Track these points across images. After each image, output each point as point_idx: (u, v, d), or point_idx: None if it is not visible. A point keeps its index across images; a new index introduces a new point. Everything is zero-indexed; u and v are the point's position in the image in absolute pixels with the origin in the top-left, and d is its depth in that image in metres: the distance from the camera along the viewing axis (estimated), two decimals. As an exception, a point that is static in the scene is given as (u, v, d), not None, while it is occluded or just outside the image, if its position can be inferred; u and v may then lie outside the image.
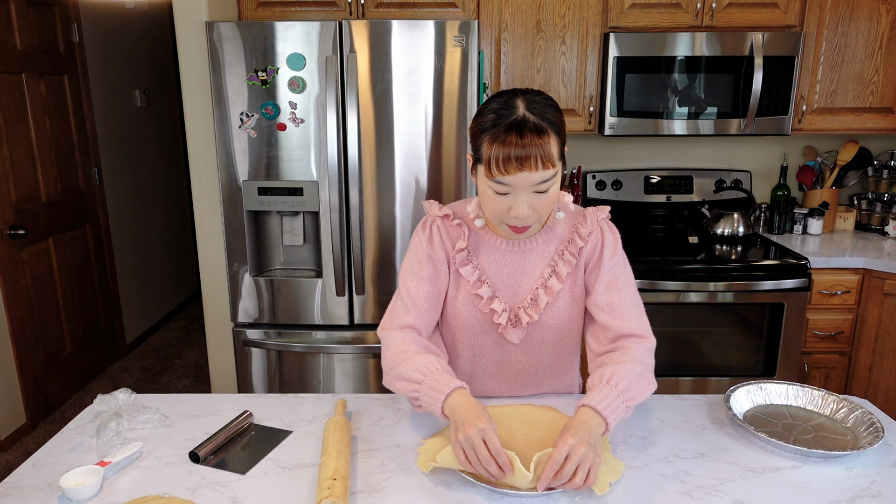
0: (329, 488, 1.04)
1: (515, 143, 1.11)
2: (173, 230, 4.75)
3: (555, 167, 1.14)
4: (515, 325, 1.32)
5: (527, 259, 1.31)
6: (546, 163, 1.12)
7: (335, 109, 2.23)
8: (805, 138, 3.05)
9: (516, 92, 1.18)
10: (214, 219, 2.52)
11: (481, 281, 1.31)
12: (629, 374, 1.17)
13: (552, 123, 1.14)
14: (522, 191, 1.15)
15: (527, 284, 1.31)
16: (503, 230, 1.24)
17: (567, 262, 1.30)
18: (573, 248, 1.30)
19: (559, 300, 1.32)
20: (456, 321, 1.36)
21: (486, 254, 1.32)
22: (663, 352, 2.57)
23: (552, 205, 1.20)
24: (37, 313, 3.20)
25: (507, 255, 1.31)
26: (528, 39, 2.64)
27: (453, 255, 1.31)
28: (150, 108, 4.39)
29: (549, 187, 1.16)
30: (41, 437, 3.10)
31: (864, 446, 1.20)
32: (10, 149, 3.00)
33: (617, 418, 1.13)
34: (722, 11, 2.60)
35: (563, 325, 1.34)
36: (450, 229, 1.33)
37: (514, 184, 1.14)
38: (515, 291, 1.32)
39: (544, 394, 1.45)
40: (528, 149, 1.11)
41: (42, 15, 3.22)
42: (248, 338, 2.46)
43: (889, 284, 2.48)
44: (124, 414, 1.31)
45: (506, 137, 1.12)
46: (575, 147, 3.07)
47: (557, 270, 1.30)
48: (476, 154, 1.19)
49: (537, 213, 1.19)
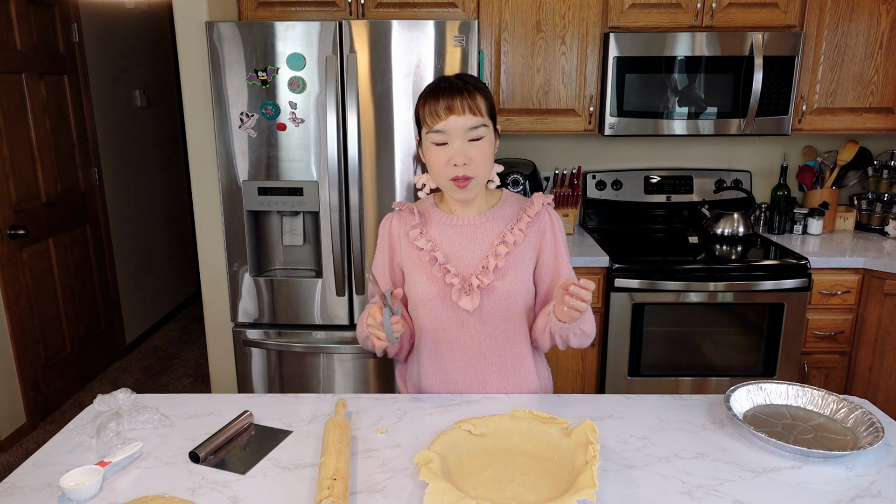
0: (329, 488, 1.04)
1: (444, 93, 1.32)
2: (173, 230, 4.75)
3: (482, 117, 1.33)
4: (469, 292, 1.40)
5: (476, 233, 1.44)
6: (474, 110, 1.32)
7: (335, 109, 2.23)
8: (805, 138, 3.05)
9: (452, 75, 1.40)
10: (214, 219, 2.52)
11: (433, 250, 1.44)
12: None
13: (479, 88, 1.36)
14: (457, 137, 1.32)
15: (478, 255, 1.43)
16: (450, 194, 1.40)
17: (515, 235, 1.42)
18: (521, 225, 1.43)
19: (512, 270, 1.41)
20: (417, 296, 1.45)
21: (438, 230, 1.46)
22: (663, 352, 2.58)
23: (487, 158, 1.35)
24: (37, 313, 3.20)
25: (457, 230, 1.45)
26: (528, 39, 2.64)
27: (405, 234, 1.47)
28: (150, 108, 4.39)
29: (481, 136, 1.33)
30: (41, 437, 3.10)
31: (864, 446, 1.20)
32: (10, 149, 3.00)
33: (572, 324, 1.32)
34: (722, 11, 2.60)
35: (515, 294, 1.41)
36: (403, 216, 1.49)
37: (447, 129, 1.32)
38: (467, 262, 1.43)
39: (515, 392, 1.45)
40: (454, 96, 1.32)
41: (42, 15, 3.22)
42: (248, 338, 2.46)
43: (889, 284, 2.49)
44: (124, 414, 1.31)
45: (437, 93, 1.33)
46: (575, 147, 3.07)
47: (506, 239, 1.42)
48: (418, 124, 1.39)
49: (474, 164, 1.34)
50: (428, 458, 1.09)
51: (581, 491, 1.00)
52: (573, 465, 1.14)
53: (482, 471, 1.15)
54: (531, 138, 3.06)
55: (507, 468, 1.15)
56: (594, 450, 1.10)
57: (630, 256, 2.54)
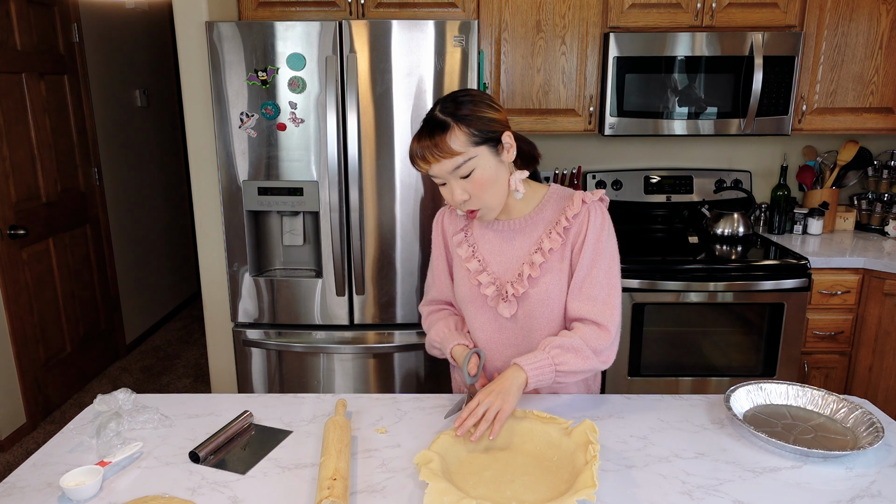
0: (329, 488, 1.04)
1: (416, 142, 1.29)
2: (173, 230, 4.75)
3: (461, 154, 1.27)
4: (506, 299, 1.40)
5: (515, 238, 1.43)
6: (445, 153, 1.26)
7: (335, 109, 2.23)
8: (805, 138, 3.05)
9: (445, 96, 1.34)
10: (214, 219, 2.52)
11: (472, 256, 1.45)
12: (566, 344, 1.33)
13: (459, 117, 1.28)
14: (449, 179, 1.31)
15: (516, 261, 1.42)
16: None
17: (553, 241, 1.38)
18: (559, 229, 1.39)
19: (546, 276, 1.39)
20: (459, 297, 1.49)
21: (480, 232, 1.46)
22: (663, 352, 2.58)
23: (485, 188, 1.31)
24: (37, 313, 3.20)
25: (498, 234, 1.44)
26: (528, 39, 2.64)
27: (452, 237, 1.49)
28: (150, 108, 4.39)
29: (471, 170, 1.29)
30: (41, 437, 3.10)
31: (864, 446, 1.20)
32: (10, 149, 3.00)
33: (541, 379, 1.30)
34: (722, 11, 2.60)
35: (551, 302, 1.39)
36: (453, 215, 1.52)
37: (434, 174, 1.31)
38: (506, 268, 1.42)
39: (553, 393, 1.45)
40: (423, 145, 1.28)
41: (42, 15, 3.22)
42: (248, 338, 2.46)
43: (889, 284, 2.49)
44: (124, 414, 1.31)
45: (415, 139, 1.30)
46: (575, 147, 3.07)
47: (542, 247, 1.39)
48: None
49: (476, 197, 1.32)
50: (428, 458, 1.09)
51: (581, 491, 1.00)
52: (573, 465, 1.14)
53: (482, 471, 1.15)
54: (531, 138, 3.05)
55: (507, 468, 1.15)
56: (594, 450, 1.10)
57: (630, 256, 2.54)
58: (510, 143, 1.33)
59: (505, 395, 1.24)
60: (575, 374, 1.34)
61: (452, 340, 1.46)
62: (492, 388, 1.26)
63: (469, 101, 1.30)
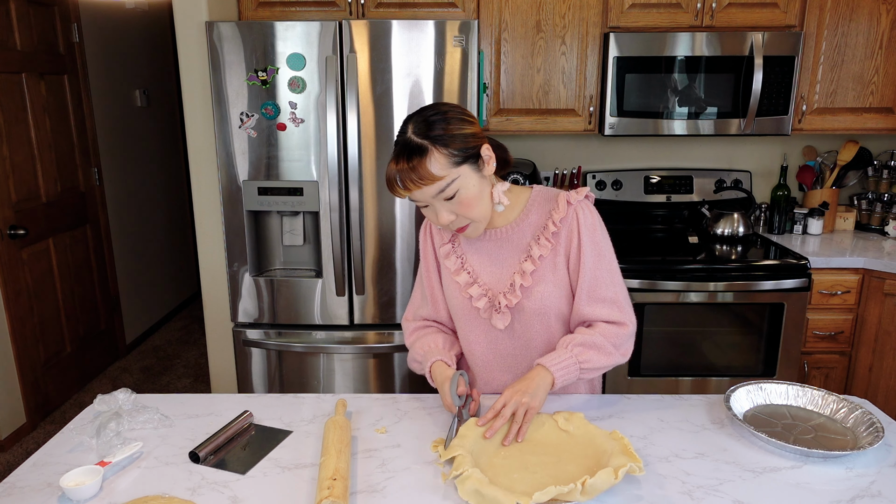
0: (329, 488, 1.04)
1: (393, 169, 1.22)
2: (173, 230, 4.75)
3: (441, 179, 1.20)
4: (499, 310, 1.38)
5: (503, 246, 1.39)
6: (425, 180, 1.20)
7: (335, 109, 2.23)
8: (805, 138, 3.05)
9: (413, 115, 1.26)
10: (214, 219, 2.52)
11: (462, 269, 1.41)
12: (587, 342, 1.31)
13: (434, 138, 1.21)
14: (432, 202, 1.25)
15: (506, 271, 1.38)
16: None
17: (542, 247, 1.35)
18: (547, 234, 1.35)
19: (539, 286, 1.36)
20: (451, 309, 1.46)
21: (468, 245, 1.42)
22: (663, 352, 2.58)
23: (471, 206, 1.26)
24: (37, 313, 3.20)
25: (485, 244, 1.40)
26: (528, 39, 2.64)
27: (439, 248, 1.45)
28: (150, 108, 4.39)
29: (453, 193, 1.23)
30: (41, 437, 3.10)
31: (864, 446, 1.20)
32: (10, 149, 3.00)
33: (567, 378, 1.29)
34: (722, 11, 2.60)
35: (546, 311, 1.37)
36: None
37: (414, 200, 1.25)
38: (497, 278, 1.39)
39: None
40: (401, 172, 1.21)
41: (42, 15, 3.22)
42: (248, 338, 2.46)
43: (889, 284, 2.48)
44: (124, 414, 1.31)
45: (391, 164, 1.23)
46: (575, 147, 3.07)
47: (532, 255, 1.36)
48: None
49: (464, 216, 1.27)
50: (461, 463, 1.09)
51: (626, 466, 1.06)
52: (593, 444, 1.17)
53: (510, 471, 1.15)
54: (531, 138, 3.06)
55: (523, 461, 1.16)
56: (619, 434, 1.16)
57: (630, 256, 2.54)
58: (489, 155, 1.27)
59: (532, 396, 1.23)
60: (597, 371, 1.33)
61: (435, 356, 1.40)
62: (518, 387, 1.24)
63: (440, 120, 1.23)
